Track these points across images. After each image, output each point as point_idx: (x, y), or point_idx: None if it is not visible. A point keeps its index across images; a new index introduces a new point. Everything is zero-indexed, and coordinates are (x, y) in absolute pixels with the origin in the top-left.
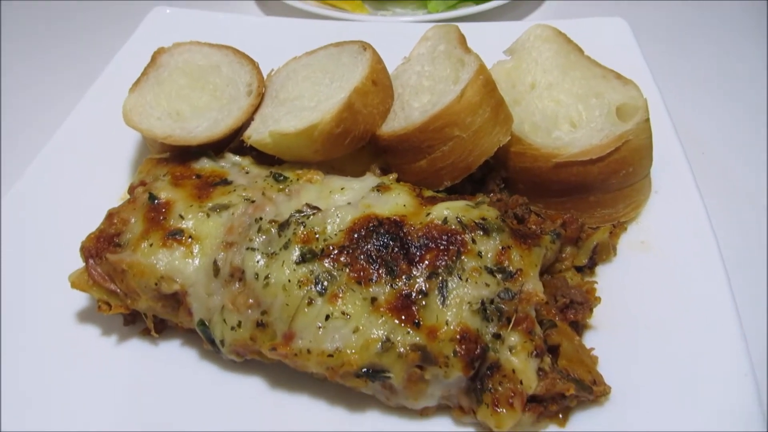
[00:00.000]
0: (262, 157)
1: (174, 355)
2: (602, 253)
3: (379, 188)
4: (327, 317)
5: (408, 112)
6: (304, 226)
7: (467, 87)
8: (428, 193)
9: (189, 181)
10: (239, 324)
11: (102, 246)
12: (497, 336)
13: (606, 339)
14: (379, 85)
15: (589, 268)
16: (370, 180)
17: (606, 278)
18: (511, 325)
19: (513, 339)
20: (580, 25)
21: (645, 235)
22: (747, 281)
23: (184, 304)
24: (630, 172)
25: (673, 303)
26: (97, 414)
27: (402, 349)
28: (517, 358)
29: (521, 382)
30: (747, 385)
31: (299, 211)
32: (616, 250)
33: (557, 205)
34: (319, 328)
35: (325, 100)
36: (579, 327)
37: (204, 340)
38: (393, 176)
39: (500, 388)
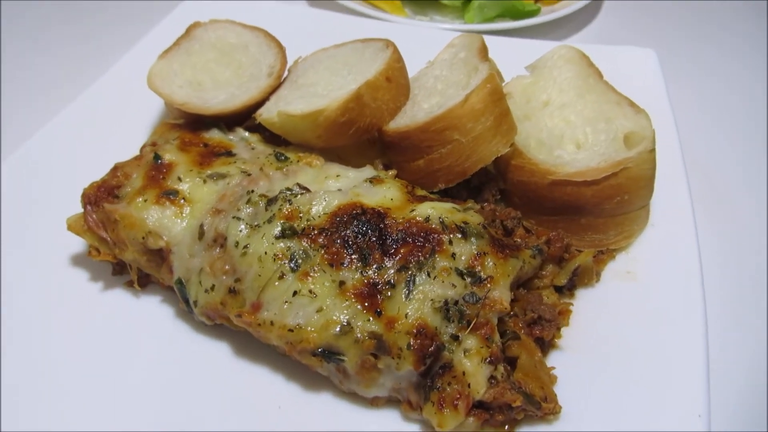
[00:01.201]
0: (271, 139)
1: (152, 311)
2: (584, 277)
3: (373, 180)
4: (294, 293)
5: (415, 112)
6: (290, 204)
7: (472, 93)
8: (420, 192)
9: (196, 148)
10: (212, 287)
11: (101, 195)
12: (455, 337)
13: (570, 361)
14: (393, 82)
15: (568, 289)
16: (367, 171)
17: (584, 302)
18: (469, 328)
19: (470, 342)
20: (608, 51)
21: (632, 266)
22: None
23: (167, 262)
24: (625, 200)
25: (645, 338)
26: (70, 358)
27: (359, 335)
28: (470, 362)
29: (469, 386)
30: (698, 427)
31: (289, 189)
32: (600, 276)
33: (549, 223)
34: (286, 302)
35: (337, 89)
36: (545, 344)
37: (180, 298)
38: (392, 172)
39: (448, 389)
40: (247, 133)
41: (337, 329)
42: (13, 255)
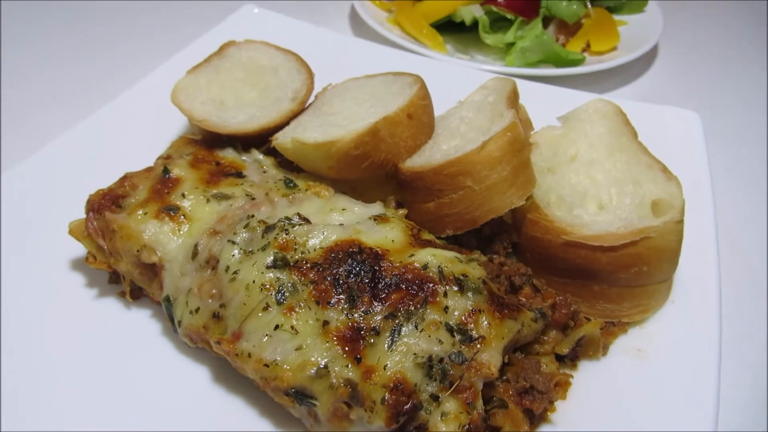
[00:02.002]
0: (286, 164)
1: (140, 324)
2: (589, 348)
3: (378, 218)
4: (276, 327)
5: (433, 152)
6: (287, 234)
7: (491, 140)
8: (427, 236)
9: (207, 165)
10: (197, 310)
11: (105, 203)
12: (435, 397)
13: None
14: (414, 119)
15: (571, 359)
16: (375, 208)
17: (586, 375)
18: (451, 390)
19: (449, 405)
20: (649, 109)
21: (645, 343)
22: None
23: (159, 277)
24: (644, 271)
25: (648, 423)
26: (56, 362)
27: (335, 380)
28: (447, 427)
29: None
30: None
31: (288, 219)
32: (607, 350)
33: (559, 285)
34: (266, 335)
35: (356, 121)
36: (534, 417)
37: (166, 316)
38: (402, 212)
39: None
40: (261, 156)
41: (313, 371)
42: (18, 254)
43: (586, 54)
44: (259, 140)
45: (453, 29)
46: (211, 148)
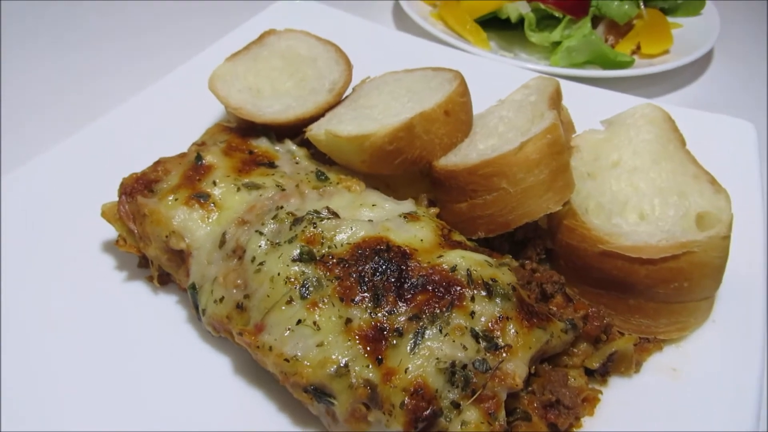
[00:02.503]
0: (319, 156)
1: (165, 310)
2: (620, 364)
3: (408, 216)
4: (299, 321)
5: (469, 151)
6: (315, 227)
7: (529, 141)
8: (457, 237)
9: (240, 153)
10: (222, 299)
11: (138, 187)
12: (456, 405)
13: None
14: (451, 116)
15: (601, 374)
16: (406, 206)
17: (616, 392)
18: (473, 398)
19: (470, 414)
20: (701, 118)
21: (681, 363)
22: None
23: (186, 264)
24: (684, 287)
25: None
26: (81, 343)
27: (354, 380)
28: None
29: None
30: None
31: (317, 212)
32: (640, 367)
33: (593, 296)
34: (288, 329)
35: (392, 116)
36: None
37: (192, 303)
38: (434, 210)
39: None
40: (294, 147)
41: (333, 369)
42: (52, 235)
43: (636, 56)
44: (294, 131)
45: (498, 26)
46: (245, 136)
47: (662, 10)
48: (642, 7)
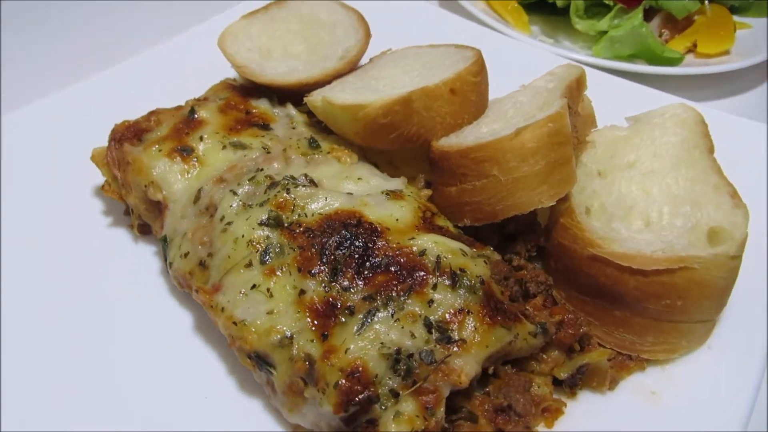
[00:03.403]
0: (320, 124)
1: (141, 259)
2: (592, 378)
3: (390, 194)
4: (253, 286)
5: (470, 133)
6: (288, 193)
7: (527, 128)
8: (442, 222)
9: (236, 112)
10: (186, 254)
11: (128, 135)
12: (395, 393)
13: None
14: (458, 95)
15: (570, 386)
16: (394, 183)
17: (585, 407)
18: (412, 389)
19: (406, 405)
20: (740, 125)
21: (662, 387)
22: None
23: (162, 216)
24: (677, 305)
25: None
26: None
27: (296, 352)
28: (396, 427)
29: None
30: None
31: (293, 178)
32: (615, 385)
33: (579, 303)
34: (242, 293)
35: (396, 89)
36: None
37: (162, 256)
38: (426, 192)
39: None
40: (294, 111)
41: (277, 339)
42: (45, 178)
43: (692, 55)
44: (299, 96)
45: (545, 10)
46: (246, 95)
47: (731, 8)
48: (706, 2)
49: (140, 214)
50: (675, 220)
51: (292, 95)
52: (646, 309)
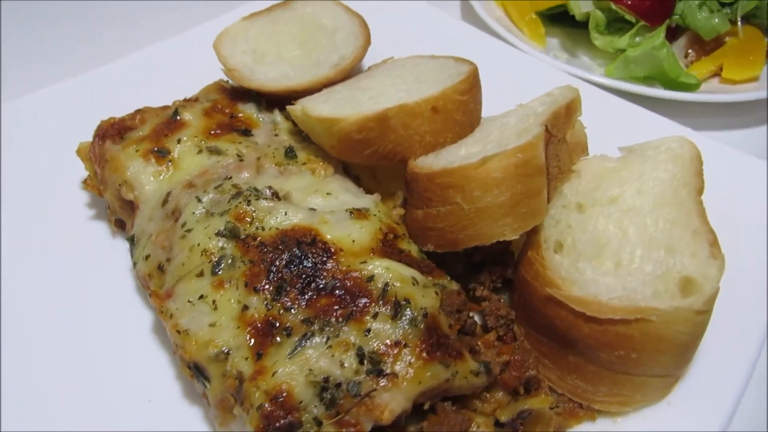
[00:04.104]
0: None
1: (115, 255)
2: (535, 424)
3: (354, 212)
4: (201, 296)
5: (445, 155)
6: (248, 205)
7: (494, 157)
8: (404, 245)
9: (220, 116)
10: (148, 257)
11: (111, 132)
12: (318, 422)
13: None
14: (440, 114)
15: (511, 429)
16: (362, 201)
17: None
18: (334, 420)
19: None
20: (745, 163)
21: None
22: None
23: (133, 215)
24: (631, 358)
25: None
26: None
27: (229, 368)
28: None
29: None
30: None
31: (257, 190)
32: None
33: (535, 342)
34: (189, 302)
35: (380, 103)
36: None
37: (130, 254)
38: (398, 212)
39: None
40: (280, 118)
41: (214, 353)
42: (29, 169)
43: (717, 79)
44: (290, 101)
45: (566, 23)
46: (235, 99)
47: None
48: (739, 23)
49: (116, 210)
50: (645, 265)
51: (282, 100)
52: (599, 358)
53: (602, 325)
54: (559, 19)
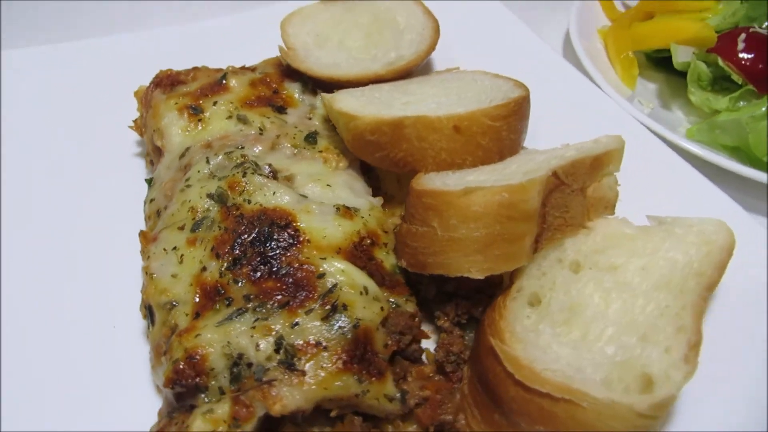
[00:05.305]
0: None
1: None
2: None
3: (341, 209)
4: (174, 248)
5: (453, 177)
6: (243, 176)
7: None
8: (379, 253)
9: (265, 89)
10: (152, 200)
11: (165, 82)
12: (222, 392)
13: None
14: (463, 134)
15: None
16: (358, 201)
17: None
18: (233, 395)
19: (222, 408)
20: None
21: None
22: None
23: (159, 161)
24: None
25: None
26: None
27: (169, 319)
28: (201, 423)
29: None
30: None
31: (257, 165)
32: None
33: (472, 389)
34: (164, 250)
35: (405, 109)
36: None
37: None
38: (393, 221)
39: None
40: (318, 103)
41: (165, 300)
42: (95, 113)
43: None
44: (338, 88)
45: (672, 70)
46: (285, 76)
47: None
48: None
49: (149, 152)
50: (609, 346)
51: (331, 87)
52: (520, 426)
53: (528, 394)
54: (664, 64)
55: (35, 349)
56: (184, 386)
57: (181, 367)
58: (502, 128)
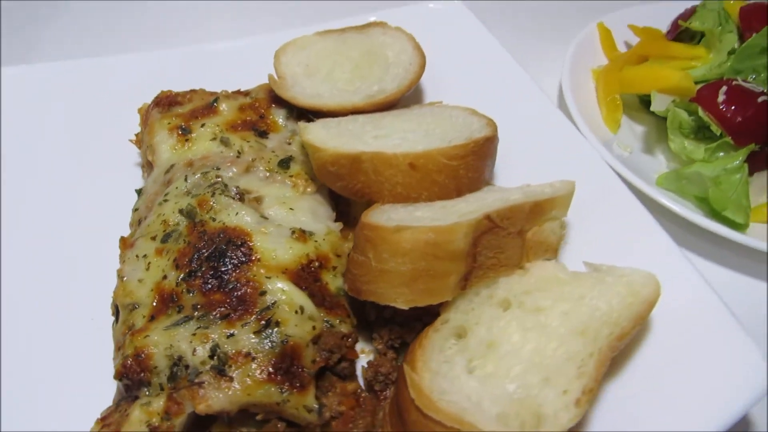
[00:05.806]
0: None
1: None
2: None
3: (296, 233)
4: (144, 255)
5: (403, 211)
6: (212, 196)
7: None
8: (326, 276)
9: (252, 114)
10: (137, 210)
11: (164, 102)
12: (161, 388)
13: None
14: (419, 171)
15: None
16: (316, 226)
17: None
18: (168, 393)
19: (158, 402)
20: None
21: None
22: None
23: (149, 174)
24: None
25: None
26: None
27: (128, 319)
28: (138, 412)
29: None
30: None
31: (226, 186)
32: None
33: (391, 410)
34: (137, 257)
35: (370, 144)
36: None
37: None
38: (349, 245)
39: (112, 419)
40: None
41: (128, 302)
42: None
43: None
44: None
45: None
46: (273, 102)
47: None
48: None
49: (144, 164)
50: (512, 383)
51: (317, 114)
52: None
53: (425, 420)
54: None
55: (32, 347)
56: (130, 379)
57: (129, 362)
58: (460, 167)
